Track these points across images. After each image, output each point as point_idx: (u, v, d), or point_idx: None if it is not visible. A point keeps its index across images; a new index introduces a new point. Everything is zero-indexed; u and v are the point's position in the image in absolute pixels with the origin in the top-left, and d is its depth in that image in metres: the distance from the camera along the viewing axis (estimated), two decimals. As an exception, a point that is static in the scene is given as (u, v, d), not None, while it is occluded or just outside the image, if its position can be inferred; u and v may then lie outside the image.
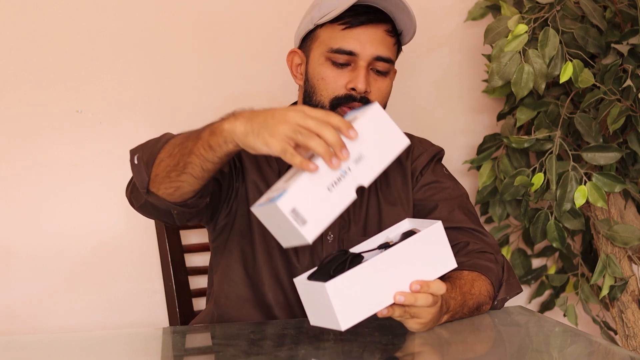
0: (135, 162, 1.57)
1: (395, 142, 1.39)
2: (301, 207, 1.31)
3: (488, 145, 2.30)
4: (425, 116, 2.41)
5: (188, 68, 2.28)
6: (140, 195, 1.59)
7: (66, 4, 2.21)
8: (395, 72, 1.81)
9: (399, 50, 1.78)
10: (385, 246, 1.45)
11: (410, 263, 1.40)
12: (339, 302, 1.35)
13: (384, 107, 1.75)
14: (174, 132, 2.25)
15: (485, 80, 2.33)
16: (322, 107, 1.70)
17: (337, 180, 1.33)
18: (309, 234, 1.31)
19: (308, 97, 1.74)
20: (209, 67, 2.29)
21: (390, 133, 1.39)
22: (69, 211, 2.23)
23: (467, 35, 2.40)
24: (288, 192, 1.31)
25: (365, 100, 1.69)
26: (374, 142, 1.37)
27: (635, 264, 2.17)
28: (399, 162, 1.82)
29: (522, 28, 2.00)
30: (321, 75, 1.71)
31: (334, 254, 1.43)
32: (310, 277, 1.42)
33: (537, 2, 2.09)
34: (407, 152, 1.83)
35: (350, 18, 1.69)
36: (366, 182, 1.35)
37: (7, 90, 2.19)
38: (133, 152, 1.59)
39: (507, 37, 2.02)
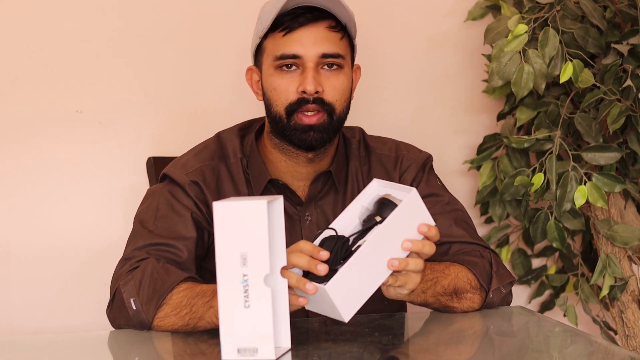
0: (134, 307, 1.56)
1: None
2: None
3: (488, 145, 2.30)
4: (425, 116, 2.41)
5: (188, 68, 2.28)
6: (127, 322, 1.59)
7: (66, 4, 2.21)
8: (358, 67, 1.78)
9: (351, 44, 1.74)
10: (368, 221, 1.47)
11: (397, 236, 1.43)
12: (340, 299, 1.38)
13: (348, 102, 1.73)
14: (173, 132, 2.26)
15: (485, 80, 2.33)
16: (280, 117, 1.69)
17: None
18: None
19: (268, 111, 1.72)
20: (209, 67, 2.29)
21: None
22: (69, 211, 2.23)
23: (467, 35, 2.40)
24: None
25: (319, 101, 1.67)
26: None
27: (635, 264, 2.17)
28: (386, 173, 1.80)
29: (522, 28, 1.99)
30: (272, 85, 1.69)
31: (319, 237, 1.44)
32: (305, 275, 1.42)
33: (537, 2, 2.09)
34: (395, 162, 1.81)
35: (289, 22, 1.67)
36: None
37: (7, 90, 2.19)
38: (128, 294, 1.57)
39: (507, 37, 2.02)
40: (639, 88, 1.97)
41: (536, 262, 2.44)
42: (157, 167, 2.06)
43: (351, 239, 1.46)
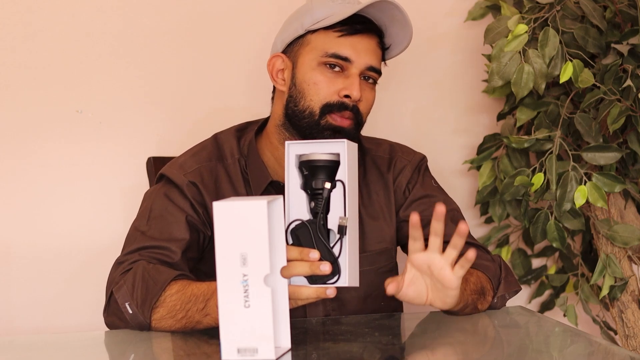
0: (130, 311, 1.56)
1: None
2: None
3: (488, 145, 2.30)
4: (425, 116, 2.41)
5: (188, 68, 2.28)
6: (123, 325, 1.59)
7: (66, 4, 2.21)
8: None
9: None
10: (316, 189, 1.45)
11: (354, 193, 1.48)
12: (354, 280, 1.44)
13: (366, 117, 1.75)
14: (173, 132, 2.25)
15: (485, 80, 2.33)
16: (311, 112, 1.69)
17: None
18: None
19: (294, 103, 1.72)
20: (210, 67, 2.29)
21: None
22: (69, 211, 2.23)
23: (467, 35, 2.40)
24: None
25: (355, 110, 1.69)
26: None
27: (635, 264, 2.17)
28: (380, 175, 1.81)
29: (522, 28, 2.00)
30: (313, 80, 1.70)
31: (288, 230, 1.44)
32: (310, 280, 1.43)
33: (537, 2, 2.09)
34: (389, 164, 1.82)
35: (346, 26, 1.69)
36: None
37: (7, 90, 2.19)
38: (122, 299, 1.57)
39: (507, 37, 2.02)
40: (639, 88, 1.97)
41: (536, 262, 2.44)
42: (157, 167, 2.06)
43: (318, 216, 1.45)
